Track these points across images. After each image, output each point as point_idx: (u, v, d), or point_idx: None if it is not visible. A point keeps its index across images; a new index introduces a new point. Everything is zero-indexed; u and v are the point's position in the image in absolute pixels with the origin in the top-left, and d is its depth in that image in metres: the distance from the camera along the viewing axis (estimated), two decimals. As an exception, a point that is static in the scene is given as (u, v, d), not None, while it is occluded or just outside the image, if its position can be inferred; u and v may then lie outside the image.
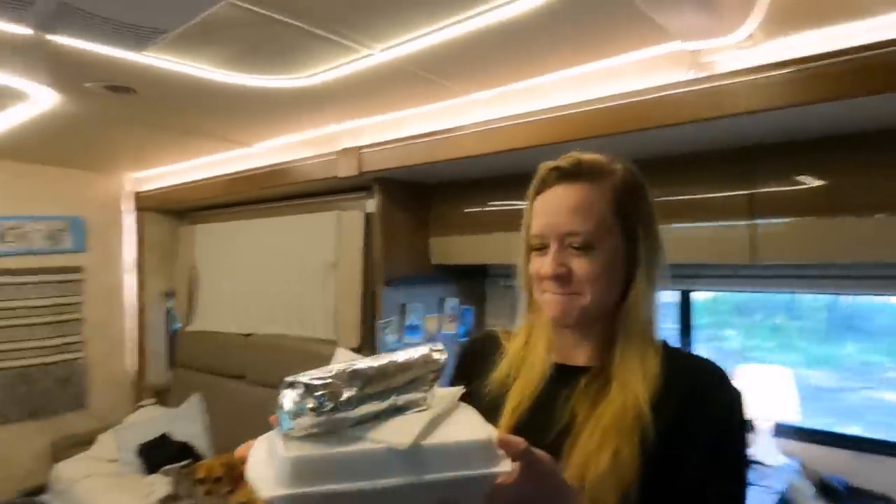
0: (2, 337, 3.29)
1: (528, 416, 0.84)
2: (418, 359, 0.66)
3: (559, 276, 0.82)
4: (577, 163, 0.85)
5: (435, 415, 0.64)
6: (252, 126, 2.56)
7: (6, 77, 1.91)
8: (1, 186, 3.32)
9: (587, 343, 0.88)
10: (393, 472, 0.57)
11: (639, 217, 0.84)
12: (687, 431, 0.78)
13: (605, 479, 0.76)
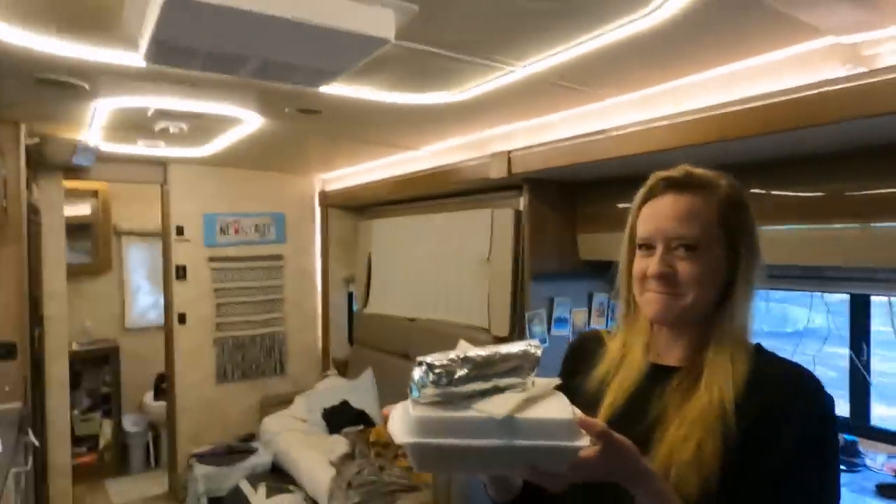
0: (224, 312, 4.05)
1: (623, 410, 0.92)
2: (518, 352, 0.80)
3: (665, 275, 0.88)
4: (687, 175, 0.92)
5: (529, 396, 0.77)
6: (417, 134, 2.86)
7: (228, 108, 2.40)
8: (224, 189, 4.07)
9: (681, 344, 0.94)
10: (490, 436, 0.72)
11: (742, 230, 0.90)
12: (769, 433, 0.82)
13: (688, 468, 0.82)
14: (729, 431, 0.82)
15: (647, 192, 0.95)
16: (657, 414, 0.89)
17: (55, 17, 1.48)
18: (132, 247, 4.93)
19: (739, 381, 0.85)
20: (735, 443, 0.82)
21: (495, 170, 2.65)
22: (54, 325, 3.49)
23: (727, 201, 0.91)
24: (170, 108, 2.35)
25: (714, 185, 0.92)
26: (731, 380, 0.85)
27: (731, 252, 0.89)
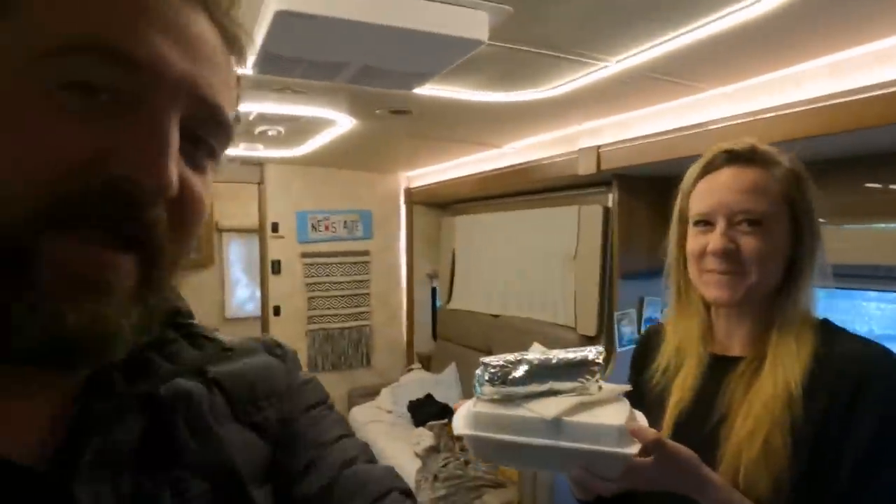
0: (315, 305, 4.24)
1: (690, 409, 0.90)
2: (577, 358, 0.82)
3: (728, 251, 0.83)
4: (751, 148, 0.88)
5: (585, 400, 0.79)
6: (503, 131, 2.87)
7: (323, 111, 2.51)
8: (315, 187, 4.25)
9: (742, 330, 0.90)
10: (539, 435, 0.76)
11: (807, 207, 0.86)
12: (845, 419, 0.76)
13: (756, 466, 0.78)
14: (797, 421, 0.78)
15: (706, 164, 0.91)
16: (723, 410, 0.85)
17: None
18: (232, 242, 5.26)
19: (806, 364, 0.80)
20: (806, 432, 0.78)
21: (584, 166, 2.61)
22: (166, 314, 3.79)
23: (792, 177, 0.87)
24: (270, 112, 2.49)
25: (778, 161, 0.88)
26: (797, 364, 0.81)
27: (795, 230, 0.86)
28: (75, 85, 0.31)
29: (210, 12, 0.38)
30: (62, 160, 0.30)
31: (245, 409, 0.48)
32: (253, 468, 0.46)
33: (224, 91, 0.39)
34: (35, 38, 0.31)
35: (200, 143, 0.38)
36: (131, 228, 0.33)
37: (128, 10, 0.33)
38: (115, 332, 0.33)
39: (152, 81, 0.33)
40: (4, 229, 0.30)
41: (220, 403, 0.46)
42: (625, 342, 2.64)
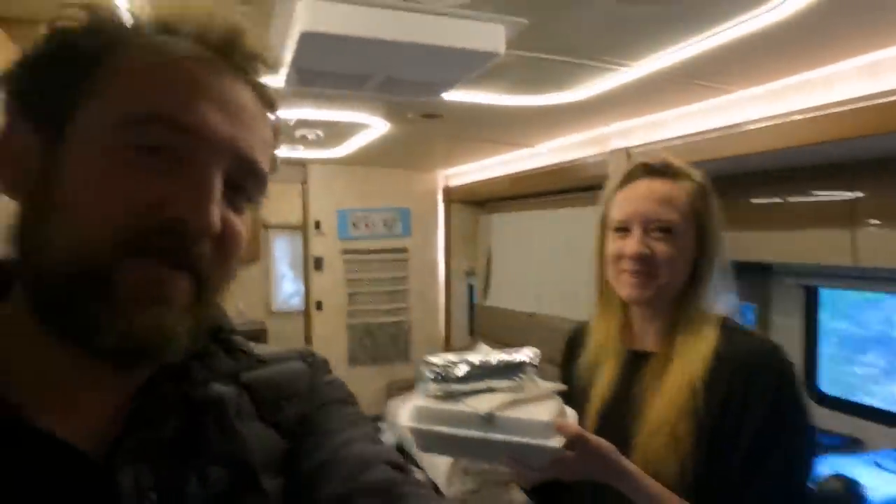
0: (355, 301, 4.37)
1: (611, 402, 0.98)
2: (513, 359, 0.89)
3: (643, 255, 0.93)
4: (665, 162, 0.98)
5: (518, 398, 0.86)
6: (534, 132, 2.89)
7: (358, 116, 2.60)
8: (356, 186, 4.37)
9: (654, 327, 0.98)
10: (474, 429, 0.83)
11: (709, 217, 0.96)
12: (740, 405, 0.85)
13: (665, 454, 0.87)
14: (700, 411, 0.87)
15: (625, 176, 1.00)
16: (638, 403, 0.94)
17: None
18: (278, 239, 5.46)
19: (707, 359, 0.89)
20: (707, 421, 0.86)
21: (613, 167, 2.61)
22: (215, 308, 3.99)
23: (700, 191, 0.97)
24: (308, 117, 2.60)
25: (688, 176, 0.98)
26: (699, 359, 0.89)
27: (699, 237, 0.95)
28: (142, 147, 0.41)
29: (251, 83, 0.47)
30: (133, 204, 0.40)
31: (269, 410, 0.55)
32: (268, 460, 0.53)
33: (260, 147, 0.47)
34: (114, 113, 0.41)
35: (240, 190, 0.46)
36: (184, 257, 0.42)
37: (182, 87, 0.43)
38: (172, 336, 0.42)
39: (200, 143, 0.43)
40: (95, 254, 0.39)
41: (246, 404, 0.54)
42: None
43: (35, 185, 0.41)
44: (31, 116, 0.42)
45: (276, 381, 0.57)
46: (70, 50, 0.42)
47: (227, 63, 0.46)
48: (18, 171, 0.42)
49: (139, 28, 0.44)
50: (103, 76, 0.42)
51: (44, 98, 0.42)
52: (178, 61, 0.43)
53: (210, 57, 0.45)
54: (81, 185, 0.40)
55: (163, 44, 0.44)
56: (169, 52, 0.43)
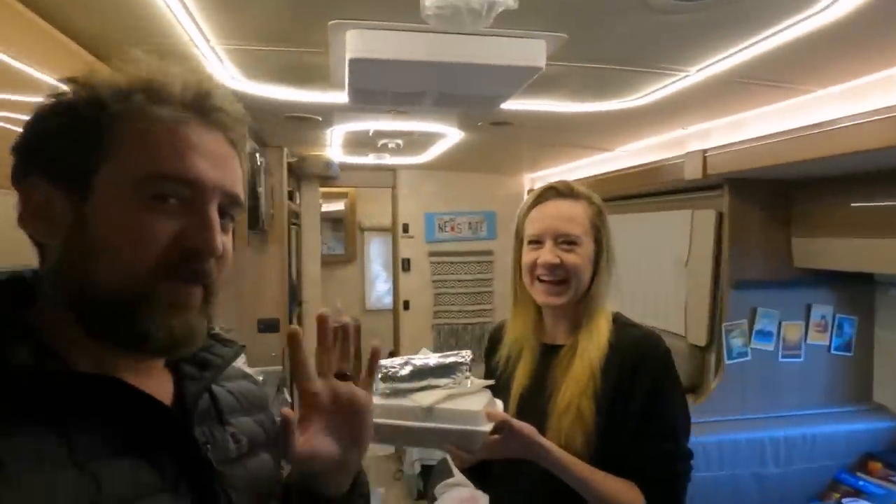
0: (441, 301, 4.51)
1: (529, 389, 1.15)
2: (448, 360, 1.06)
3: (554, 265, 1.11)
4: (569, 186, 1.20)
5: (453, 392, 1.01)
6: (609, 136, 2.86)
7: (432, 126, 2.72)
8: (442, 190, 4.51)
9: (564, 323, 1.17)
10: (418, 420, 0.99)
11: (604, 230, 1.18)
12: (629, 385, 1.07)
13: (572, 428, 1.06)
14: (598, 391, 1.07)
15: (537, 197, 1.20)
16: (551, 388, 1.12)
17: (289, 76, 1.90)
18: (372, 241, 5.75)
19: (603, 346, 1.10)
20: (604, 400, 1.07)
21: (689, 170, 2.52)
22: (311, 305, 4.30)
23: (597, 210, 1.20)
24: (384, 128, 2.75)
25: (588, 197, 1.21)
26: (596, 348, 1.09)
27: (597, 247, 1.16)
28: (157, 196, 0.55)
29: (225, 134, 0.61)
30: (158, 242, 0.55)
31: (248, 410, 0.74)
32: (260, 440, 0.72)
33: (238, 182, 0.62)
34: (130, 175, 0.55)
35: (227, 215, 0.61)
36: (200, 275, 0.58)
37: (179, 149, 0.56)
38: (197, 332, 0.58)
39: (199, 190, 0.57)
40: (136, 283, 0.54)
41: (233, 403, 0.72)
42: (734, 355, 2.51)
43: (70, 233, 0.55)
44: (51, 178, 0.55)
45: (243, 392, 0.75)
46: (81, 123, 0.55)
47: (204, 119, 0.58)
48: (49, 223, 0.56)
49: (131, 99, 0.56)
50: (113, 144, 0.55)
51: (64, 166, 0.55)
52: (174, 128, 0.56)
53: (191, 118, 0.57)
54: (117, 232, 0.54)
55: (155, 114, 0.56)
56: (161, 120, 0.56)
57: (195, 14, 1.35)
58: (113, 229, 0.54)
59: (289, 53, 1.66)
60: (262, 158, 2.90)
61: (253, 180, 2.69)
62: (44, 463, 0.48)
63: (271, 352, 3.21)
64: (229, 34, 1.50)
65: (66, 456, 0.50)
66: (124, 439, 0.54)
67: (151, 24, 1.37)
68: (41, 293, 0.57)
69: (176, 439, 0.58)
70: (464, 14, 1.15)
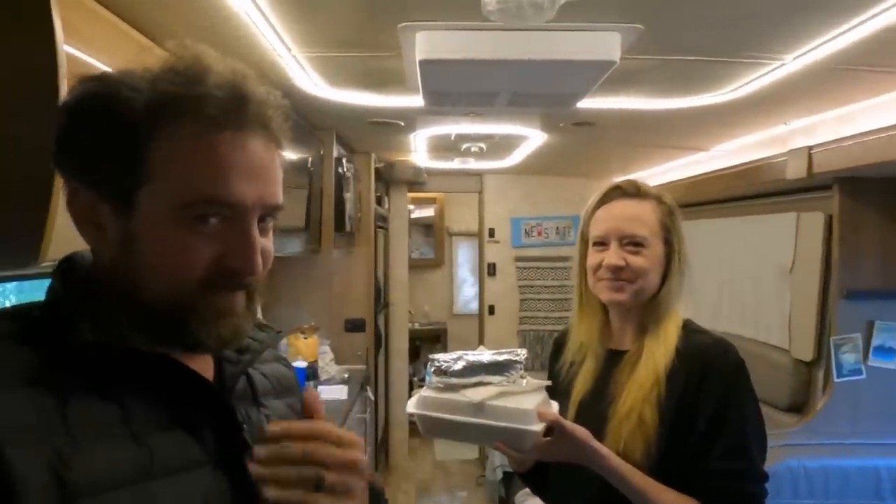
0: (526, 307, 4.45)
1: (590, 393, 1.12)
2: (503, 358, 1.03)
3: (619, 267, 1.07)
4: (635, 185, 1.14)
5: (506, 390, 0.99)
6: (702, 134, 2.70)
7: (513, 128, 2.71)
8: (528, 194, 4.46)
9: (630, 328, 1.13)
10: (467, 415, 0.97)
11: (675, 232, 1.11)
12: (695, 395, 1.01)
13: (632, 436, 1.01)
14: (662, 400, 1.02)
15: (602, 197, 1.15)
16: (612, 393, 1.08)
17: (368, 81, 1.97)
18: (460, 245, 5.79)
19: (670, 354, 1.04)
20: (668, 409, 1.02)
21: (792, 169, 2.31)
22: (397, 307, 4.40)
23: (666, 210, 1.12)
24: (465, 132, 2.77)
25: (656, 195, 1.14)
26: (662, 356, 1.04)
27: (667, 249, 1.10)
28: (198, 217, 0.56)
29: (264, 132, 0.59)
30: (201, 261, 0.57)
31: (281, 393, 0.76)
32: None
33: (277, 189, 0.61)
34: (172, 196, 0.56)
35: (267, 219, 0.62)
36: (242, 286, 0.60)
37: (220, 171, 0.56)
38: (241, 333, 0.62)
39: (238, 209, 0.57)
40: (184, 295, 0.57)
41: (267, 385, 0.75)
42: (845, 372, 2.26)
43: (119, 247, 0.57)
44: (91, 185, 0.57)
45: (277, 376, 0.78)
46: (117, 141, 0.55)
47: (240, 121, 0.57)
48: (98, 229, 0.58)
49: (165, 113, 0.55)
50: (152, 163, 0.55)
51: (107, 181, 0.56)
52: (211, 148, 0.56)
53: (227, 128, 0.56)
54: (161, 253, 0.56)
55: (192, 128, 0.55)
56: (199, 137, 0.56)
57: (275, 24, 1.43)
58: (157, 249, 0.56)
59: (366, 58, 1.72)
60: (349, 164, 3.02)
61: (339, 185, 2.81)
62: (105, 432, 0.52)
63: (357, 351, 3.32)
64: (309, 42, 1.58)
65: (123, 426, 0.53)
66: (172, 414, 0.57)
67: (237, 37, 1.46)
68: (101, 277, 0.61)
69: (218, 417, 0.61)
70: (525, 8, 1.14)
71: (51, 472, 0.48)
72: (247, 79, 0.58)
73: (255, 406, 0.69)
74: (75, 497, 0.48)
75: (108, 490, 0.50)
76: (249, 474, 0.60)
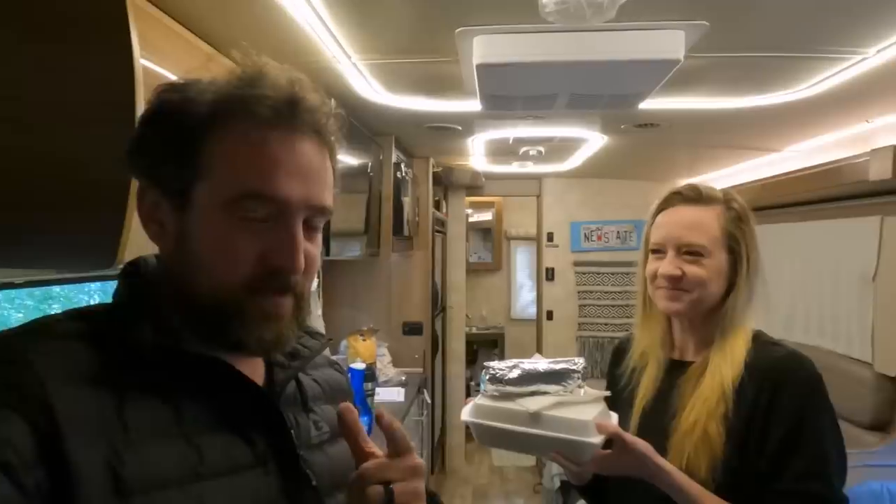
0: (586, 313, 4.36)
1: (652, 405, 1.07)
2: (560, 367, 1.01)
3: (675, 277, 1.02)
4: (695, 189, 1.07)
5: (563, 400, 0.97)
6: (773, 134, 2.57)
7: (571, 131, 2.66)
8: (588, 198, 4.38)
9: (693, 339, 1.08)
10: (523, 425, 0.95)
11: (743, 239, 1.04)
12: (767, 411, 0.95)
13: (697, 452, 0.96)
14: (729, 415, 0.96)
15: (662, 203, 1.11)
16: (675, 406, 1.03)
17: (426, 86, 1.98)
18: (518, 249, 5.75)
19: (738, 367, 0.98)
20: (736, 425, 0.96)
21: (876, 170, 2.16)
22: (455, 311, 4.41)
23: (731, 215, 1.05)
24: (523, 136, 2.75)
25: (719, 199, 1.07)
26: (730, 369, 0.98)
27: (732, 258, 1.04)
28: (246, 213, 0.57)
29: (316, 136, 0.61)
30: (247, 259, 0.58)
31: (332, 398, 0.76)
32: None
33: (325, 192, 0.62)
34: (223, 192, 0.57)
35: (313, 223, 0.63)
36: (288, 287, 0.60)
37: (268, 168, 0.57)
38: (286, 338, 0.62)
39: (285, 207, 0.58)
40: (230, 294, 0.58)
41: (318, 390, 0.75)
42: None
43: (176, 243, 0.60)
44: (156, 183, 0.60)
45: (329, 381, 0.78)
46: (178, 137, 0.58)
47: (293, 125, 0.59)
48: (160, 227, 0.61)
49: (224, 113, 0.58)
50: (208, 160, 0.58)
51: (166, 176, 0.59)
52: (261, 146, 0.58)
53: (280, 130, 0.58)
54: (210, 249, 0.58)
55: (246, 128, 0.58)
56: (252, 137, 0.58)
57: (335, 33, 1.47)
58: (207, 245, 0.58)
59: (424, 64, 1.73)
60: (407, 169, 3.05)
61: (398, 190, 2.84)
62: (159, 431, 0.54)
63: (414, 354, 3.35)
64: (368, 49, 1.60)
65: (176, 426, 0.55)
66: (223, 416, 0.59)
67: (298, 46, 1.51)
68: (163, 279, 0.63)
69: (267, 421, 0.62)
70: (585, 8, 1.11)
71: (107, 466, 0.49)
72: (302, 85, 0.60)
73: (304, 411, 0.69)
74: (129, 493, 0.50)
75: (159, 488, 0.51)
76: (299, 477, 0.61)
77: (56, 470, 0.47)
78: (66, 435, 0.48)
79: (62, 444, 0.48)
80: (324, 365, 0.80)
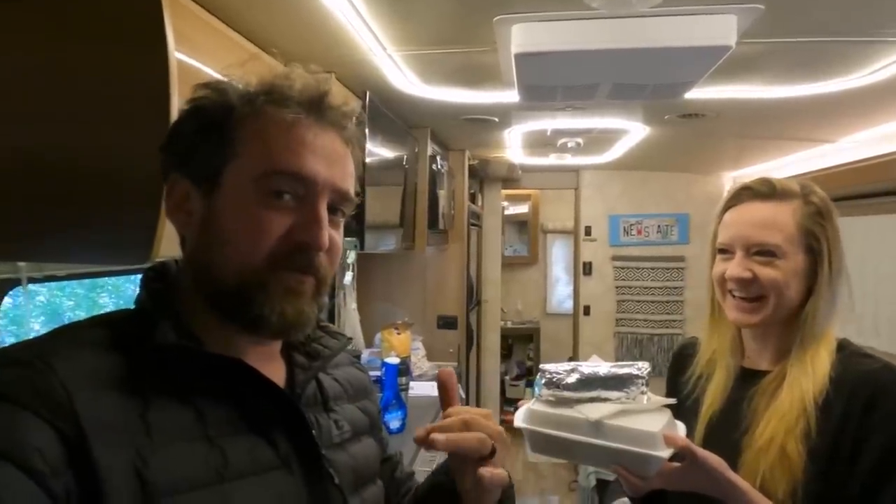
0: (624, 308, 4.27)
1: (720, 416, 0.98)
2: (623, 373, 0.92)
3: (744, 279, 0.93)
4: (767, 183, 0.97)
5: (626, 408, 0.88)
6: (828, 124, 2.43)
7: (612, 122, 2.58)
8: (628, 191, 4.27)
9: (769, 346, 0.98)
10: (582, 434, 0.87)
11: (824, 237, 0.93)
12: (857, 434, 0.85)
13: (774, 473, 0.87)
14: (811, 433, 0.86)
15: (731, 199, 1.01)
16: (748, 420, 0.94)
17: (463, 77, 1.94)
18: (554, 243, 5.66)
19: (821, 381, 0.88)
20: (820, 444, 0.86)
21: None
22: (490, 305, 4.37)
23: (809, 211, 0.95)
24: (562, 127, 2.68)
25: (795, 194, 0.96)
26: (811, 382, 0.88)
27: (812, 258, 0.93)
28: (273, 191, 0.60)
29: (340, 133, 0.65)
30: (273, 235, 0.60)
31: (353, 397, 0.77)
32: (363, 426, 0.76)
33: (349, 179, 0.65)
34: (252, 169, 0.60)
35: (337, 210, 0.65)
36: (310, 265, 0.62)
37: (296, 148, 0.60)
38: (307, 317, 0.63)
39: (311, 186, 0.61)
40: (254, 271, 0.59)
41: (339, 390, 0.75)
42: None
43: (202, 225, 0.61)
44: (188, 175, 0.62)
45: (351, 380, 0.78)
46: (212, 125, 0.61)
47: (319, 119, 0.62)
48: (188, 216, 0.63)
49: (256, 102, 0.62)
50: (239, 142, 0.61)
51: (198, 164, 0.62)
52: (290, 129, 0.61)
53: (307, 118, 0.61)
54: (237, 225, 0.60)
55: (275, 115, 0.61)
56: (280, 121, 0.61)
57: (371, 25, 1.44)
58: (234, 222, 0.60)
59: (460, 54, 1.69)
60: (443, 162, 3.02)
61: (434, 183, 2.81)
62: (182, 434, 0.54)
63: (449, 348, 3.33)
64: (403, 40, 1.57)
65: (199, 429, 0.56)
66: (245, 418, 0.59)
67: (335, 39, 1.49)
68: (183, 281, 0.65)
69: (290, 421, 0.62)
70: (630, -8, 1.06)
71: (132, 470, 0.50)
72: (328, 85, 0.64)
73: (324, 411, 0.70)
74: (155, 496, 0.50)
75: (184, 491, 0.52)
76: (322, 477, 0.62)
77: (83, 475, 0.48)
78: (92, 440, 0.49)
79: (89, 450, 0.48)
80: (345, 363, 0.80)
